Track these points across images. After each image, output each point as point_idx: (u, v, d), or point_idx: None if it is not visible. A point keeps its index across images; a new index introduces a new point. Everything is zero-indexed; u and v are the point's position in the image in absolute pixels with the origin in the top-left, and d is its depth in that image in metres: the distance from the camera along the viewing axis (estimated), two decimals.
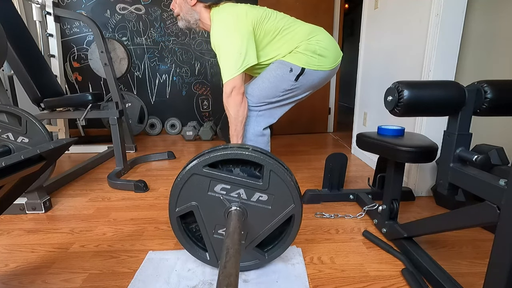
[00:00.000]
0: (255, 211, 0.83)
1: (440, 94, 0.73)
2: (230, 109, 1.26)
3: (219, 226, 0.86)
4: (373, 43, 1.98)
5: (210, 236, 0.88)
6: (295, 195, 0.82)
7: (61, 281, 0.90)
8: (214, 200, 0.83)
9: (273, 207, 0.83)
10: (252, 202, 0.83)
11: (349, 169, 1.92)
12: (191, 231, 0.92)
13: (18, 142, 1.22)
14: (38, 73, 2.02)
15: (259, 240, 0.87)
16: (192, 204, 0.84)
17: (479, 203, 0.67)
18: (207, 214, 0.85)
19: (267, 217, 0.84)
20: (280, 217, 0.84)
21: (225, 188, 0.81)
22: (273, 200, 0.82)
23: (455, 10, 1.27)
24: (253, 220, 0.84)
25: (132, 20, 2.95)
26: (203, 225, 0.86)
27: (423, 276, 0.87)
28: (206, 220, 0.86)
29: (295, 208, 0.83)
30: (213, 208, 0.84)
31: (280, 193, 0.82)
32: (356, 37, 2.44)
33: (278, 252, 0.90)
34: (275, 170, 0.79)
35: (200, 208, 0.84)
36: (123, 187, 1.63)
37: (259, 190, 0.81)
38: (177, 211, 0.85)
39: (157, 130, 3.18)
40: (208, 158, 0.79)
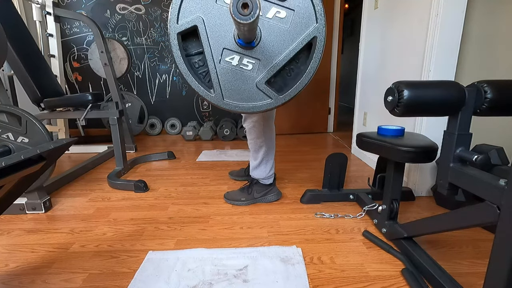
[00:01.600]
0: (270, 32, 0.70)
1: (440, 94, 0.73)
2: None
3: (227, 51, 0.72)
4: (373, 43, 1.98)
5: (216, 65, 0.73)
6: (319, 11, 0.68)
7: (61, 281, 0.90)
8: (224, 13, 0.69)
9: (292, 26, 0.70)
10: (268, 19, 0.69)
11: (349, 169, 1.92)
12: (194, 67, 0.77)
13: (18, 142, 1.22)
14: (38, 73, 2.02)
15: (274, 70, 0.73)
16: (197, 16, 0.69)
17: (479, 203, 0.67)
18: (214, 32, 0.70)
19: (285, 40, 0.71)
20: (299, 39, 0.70)
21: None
22: (293, 18, 0.69)
23: (455, 10, 1.27)
24: (268, 44, 0.71)
25: (132, 20, 2.95)
26: (209, 48, 0.72)
27: (423, 276, 0.87)
28: (213, 41, 0.71)
29: (317, 29, 0.69)
30: (222, 25, 0.70)
31: (301, 7, 0.68)
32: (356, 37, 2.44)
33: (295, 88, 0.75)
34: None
35: (206, 24, 0.70)
36: (123, 187, 1.63)
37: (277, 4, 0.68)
38: (179, 25, 0.70)
39: (157, 130, 3.18)
40: None
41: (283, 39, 0.71)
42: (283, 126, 2.99)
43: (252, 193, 1.41)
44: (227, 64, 0.73)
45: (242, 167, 1.85)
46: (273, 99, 0.75)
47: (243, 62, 0.73)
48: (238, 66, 0.73)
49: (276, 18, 0.69)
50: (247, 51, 0.73)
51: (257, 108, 0.75)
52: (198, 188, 1.63)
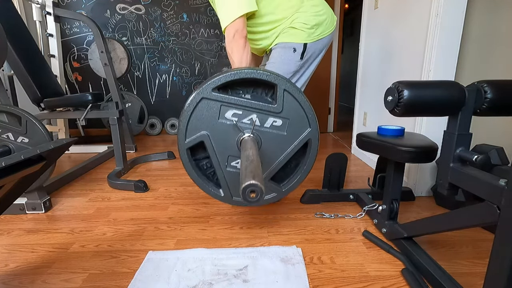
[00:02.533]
0: (269, 138, 0.77)
1: (440, 94, 0.73)
2: (233, 54, 1.20)
3: (232, 157, 0.79)
4: (373, 43, 1.98)
5: (223, 170, 0.81)
6: (311, 117, 0.76)
7: (61, 281, 0.90)
8: (226, 128, 0.76)
9: (288, 132, 0.77)
10: (266, 128, 0.76)
11: (349, 169, 1.92)
12: (202, 168, 0.85)
13: (18, 142, 1.22)
14: (38, 73, 2.02)
15: (275, 171, 0.81)
16: (203, 133, 0.77)
17: (479, 203, 0.67)
18: (219, 144, 0.78)
19: (283, 144, 0.78)
20: (296, 143, 0.78)
21: (237, 114, 0.75)
22: (288, 125, 0.76)
23: (455, 10, 1.27)
24: (268, 149, 0.78)
25: (132, 20, 2.95)
26: (215, 158, 0.79)
27: (423, 276, 0.87)
28: (218, 151, 0.79)
29: (311, 132, 0.77)
30: (225, 137, 0.77)
31: (295, 116, 0.75)
32: (356, 37, 2.44)
33: (295, 183, 0.83)
34: (289, 89, 0.73)
35: (211, 138, 0.78)
36: (123, 187, 1.63)
37: (273, 114, 0.75)
38: (187, 142, 0.78)
39: (157, 130, 3.18)
40: (216, 79, 0.73)
41: (281, 144, 0.79)
42: None
43: None
44: (233, 168, 0.81)
45: None
46: (277, 193, 0.84)
47: None
48: None
49: (274, 126, 0.76)
50: None
51: (264, 202, 0.85)
52: (198, 188, 1.62)
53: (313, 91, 2.96)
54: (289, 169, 0.83)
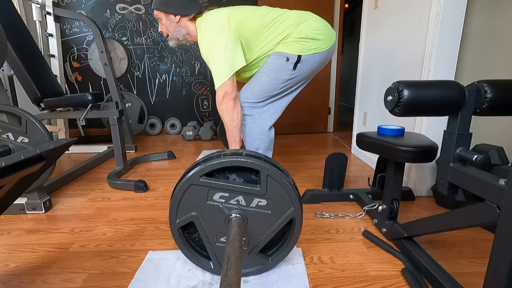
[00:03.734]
0: (255, 217, 0.83)
1: (440, 94, 0.73)
2: (224, 115, 1.26)
3: (221, 234, 0.86)
4: (373, 43, 1.98)
5: (213, 245, 0.87)
6: (293, 198, 0.81)
7: (61, 281, 0.90)
8: (214, 208, 0.82)
9: (273, 211, 0.83)
10: (252, 208, 0.82)
11: (349, 169, 1.92)
12: (194, 240, 0.92)
13: (18, 142, 1.22)
14: (38, 73, 2.02)
15: (262, 245, 0.87)
16: (192, 214, 0.84)
17: (479, 203, 0.67)
18: (208, 223, 0.84)
19: (268, 222, 0.84)
20: (280, 220, 0.84)
21: (224, 196, 0.81)
22: (273, 205, 0.82)
23: (455, 10, 1.27)
24: (254, 226, 0.84)
25: (132, 20, 2.95)
26: (205, 235, 0.86)
27: (423, 276, 0.87)
28: (208, 229, 0.85)
29: (294, 211, 0.83)
30: (214, 217, 0.83)
31: (278, 197, 0.81)
32: (356, 37, 2.44)
33: (281, 255, 0.90)
34: (271, 174, 0.79)
35: (200, 218, 0.84)
36: (123, 187, 1.63)
37: (258, 196, 0.81)
38: (177, 222, 0.85)
39: (157, 130, 3.18)
40: (204, 167, 0.79)
41: (267, 221, 0.84)
42: (283, 126, 2.98)
43: None
44: (222, 244, 0.87)
45: None
46: (264, 265, 0.90)
47: None
48: None
49: (259, 206, 0.82)
50: None
51: (251, 274, 0.91)
52: None
53: (313, 91, 2.97)
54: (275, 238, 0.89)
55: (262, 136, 1.36)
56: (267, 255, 0.91)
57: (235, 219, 0.79)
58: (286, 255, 0.91)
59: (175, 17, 1.35)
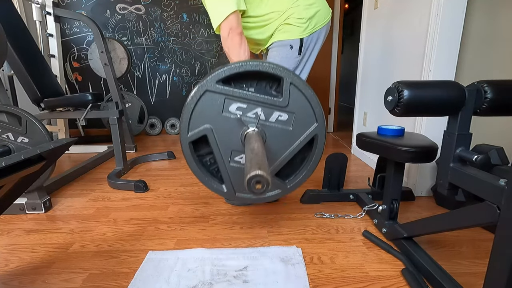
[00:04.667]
0: (274, 133, 0.75)
1: (440, 94, 0.73)
2: (231, 53, 1.19)
3: (235, 152, 0.77)
4: (373, 43, 1.98)
5: (227, 165, 0.79)
6: (318, 112, 0.74)
7: (61, 281, 0.90)
8: (230, 121, 0.74)
9: (294, 127, 0.75)
10: (271, 123, 0.74)
11: (349, 169, 1.92)
12: (206, 165, 0.84)
13: (18, 142, 1.22)
14: (38, 73, 2.02)
15: (280, 166, 0.79)
16: (206, 127, 0.75)
17: (479, 203, 0.67)
18: (223, 138, 0.76)
19: (288, 140, 0.76)
20: (302, 138, 0.76)
21: (241, 108, 0.73)
22: (294, 120, 0.74)
23: (455, 10, 1.27)
24: (273, 144, 0.76)
25: (132, 20, 2.95)
26: (219, 152, 0.77)
27: (423, 276, 0.87)
28: (222, 145, 0.77)
29: (318, 128, 0.75)
30: (229, 131, 0.75)
31: (301, 110, 0.73)
32: (356, 37, 2.44)
33: (300, 180, 0.81)
34: (295, 83, 0.71)
35: (214, 132, 0.76)
36: (123, 187, 1.63)
37: (279, 108, 0.73)
38: (189, 135, 0.77)
39: (157, 130, 3.18)
40: (221, 71, 0.71)
41: (287, 139, 0.76)
42: None
43: None
44: (237, 163, 0.78)
45: None
46: (281, 190, 0.81)
47: None
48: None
49: (279, 121, 0.74)
50: None
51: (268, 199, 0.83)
52: (198, 188, 1.63)
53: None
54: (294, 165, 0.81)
55: None
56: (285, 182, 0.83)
57: (252, 133, 0.71)
58: (304, 180, 0.81)
59: None
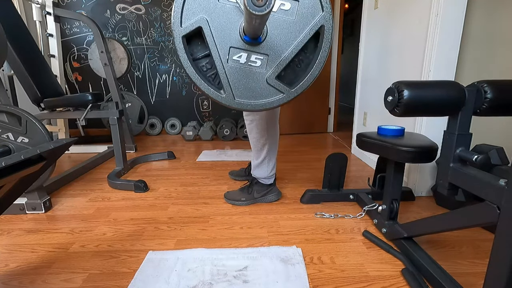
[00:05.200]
0: (276, 25, 0.69)
1: (440, 94, 0.73)
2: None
3: (234, 50, 0.71)
4: (373, 43, 1.98)
5: (225, 65, 0.72)
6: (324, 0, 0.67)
7: (61, 281, 0.90)
8: (227, 11, 0.68)
9: (298, 17, 0.68)
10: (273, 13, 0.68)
11: (349, 169, 1.92)
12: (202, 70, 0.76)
13: (18, 142, 1.22)
14: (38, 73, 2.02)
15: (283, 64, 0.72)
16: (201, 17, 0.68)
17: (479, 203, 0.67)
18: (220, 32, 0.69)
19: (291, 32, 0.69)
20: (306, 31, 0.69)
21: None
22: (298, 8, 0.68)
23: (455, 10, 1.27)
24: (275, 38, 0.70)
25: (132, 20, 2.95)
26: (216, 50, 0.70)
27: (423, 276, 0.87)
28: (219, 41, 0.70)
29: (324, 17, 0.68)
30: (227, 23, 0.69)
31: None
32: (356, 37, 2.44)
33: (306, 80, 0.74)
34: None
35: (210, 24, 0.69)
36: (123, 187, 1.63)
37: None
38: (183, 28, 0.69)
39: (157, 130, 3.18)
40: None
41: (290, 32, 0.69)
42: (283, 126, 2.99)
43: (252, 193, 1.41)
44: (235, 63, 0.72)
45: (242, 167, 1.85)
46: (285, 93, 0.74)
47: (251, 59, 0.71)
48: (246, 64, 0.72)
49: (281, 11, 0.68)
50: (255, 48, 0.71)
51: (270, 105, 0.74)
52: (198, 188, 1.63)
53: (313, 92, 2.97)
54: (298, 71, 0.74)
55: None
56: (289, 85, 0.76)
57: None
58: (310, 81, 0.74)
59: None
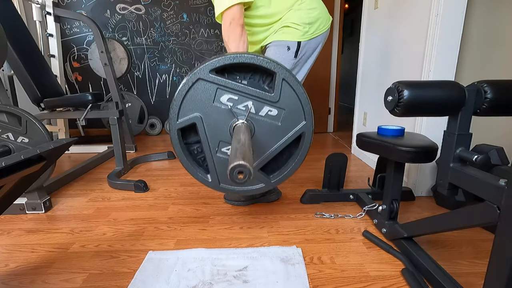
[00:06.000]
0: (263, 127, 0.76)
1: (440, 94, 0.73)
2: (230, 43, 1.18)
3: (223, 143, 0.78)
4: (373, 43, 1.98)
5: (213, 155, 0.80)
6: (307, 111, 0.75)
7: (61, 281, 0.90)
8: (220, 112, 0.75)
9: (283, 123, 0.76)
10: (261, 117, 0.75)
11: (349, 169, 1.92)
12: (193, 153, 0.84)
13: (18, 142, 1.22)
14: (38, 73, 2.02)
15: (266, 160, 0.80)
16: (196, 115, 0.76)
17: (479, 203, 0.67)
18: (211, 128, 0.77)
19: (276, 135, 0.77)
20: (289, 135, 0.77)
21: (232, 99, 0.74)
22: (283, 116, 0.75)
23: (455, 10, 1.27)
24: (261, 138, 0.77)
25: (132, 20, 2.95)
26: (206, 142, 0.78)
27: (423, 276, 0.87)
28: (210, 135, 0.78)
29: (306, 126, 0.76)
30: (218, 122, 0.76)
31: (291, 107, 0.75)
32: (356, 37, 2.44)
33: (284, 175, 0.82)
34: (288, 79, 0.72)
35: (204, 121, 0.76)
36: (123, 187, 1.63)
37: (269, 103, 0.74)
38: (179, 122, 0.77)
39: (157, 130, 3.18)
40: (215, 61, 0.72)
41: (275, 134, 0.77)
42: None
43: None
44: (224, 155, 0.79)
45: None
46: (265, 184, 0.83)
47: None
48: None
49: (269, 116, 0.76)
50: None
51: (251, 192, 0.85)
52: (198, 188, 1.63)
53: (313, 91, 2.97)
54: (280, 161, 0.83)
55: None
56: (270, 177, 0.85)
57: (241, 125, 0.72)
58: (289, 175, 0.83)
59: None
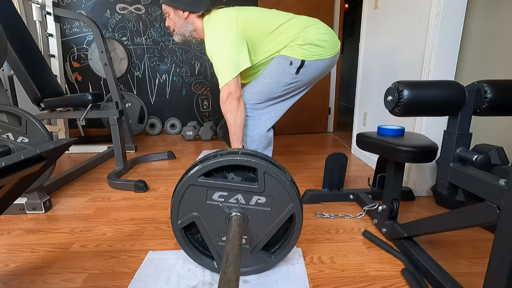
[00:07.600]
0: (255, 215, 0.84)
1: (440, 94, 0.73)
2: (227, 115, 1.27)
3: (222, 233, 0.86)
4: (373, 43, 1.98)
5: (215, 244, 0.88)
6: (292, 194, 0.82)
7: (61, 281, 0.90)
8: (214, 208, 0.83)
9: (273, 208, 0.83)
10: (252, 206, 0.83)
11: (349, 169, 1.92)
12: (197, 241, 0.93)
13: (18, 142, 1.22)
14: (38, 73, 2.02)
15: (263, 242, 0.87)
16: (193, 214, 0.84)
17: (479, 203, 0.67)
18: (209, 223, 0.85)
19: (268, 219, 0.84)
20: (281, 217, 0.84)
21: (223, 195, 0.82)
22: (272, 201, 0.82)
23: (455, 10, 1.27)
24: (255, 224, 0.85)
25: (132, 20, 2.95)
26: (207, 234, 0.86)
27: (423, 276, 0.87)
28: (209, 229, 0.86)
29: (294, 207, 0.83)
30: (214, 216, 0.84)
31: (277, 193, 0.82)
32: (356, 37, 2.44)
33: (284, 252, 0.90)
34: (268, 171, 0.79)
35: (201, 218, 0.85)
36: (123, 187, 1.62)
37: (256, 193, 0.81)
38: (179, 223, 0.86)
39: (157, 130, 3.18)
40: (201, 168, 0.80)
41: (267, 219, 0.84)
42: (283, 126, 2.98)
43: None
44: (224, 243, 0.86)
45: None
46: (267, 262, 0.90)
47: None
48: None
49: (258, 204, 0.83)
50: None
51: (254, 272, 0.91)
52: None
53: (313, 91, 2.95)
54: (278, 236, 0.91)
55: (261, 138, 1.36)
56: (270, 252, 0.92)
57: (235, 218, 0.80)
58: (288, 252, 0.91)
59: (183, 13, 1.34)
